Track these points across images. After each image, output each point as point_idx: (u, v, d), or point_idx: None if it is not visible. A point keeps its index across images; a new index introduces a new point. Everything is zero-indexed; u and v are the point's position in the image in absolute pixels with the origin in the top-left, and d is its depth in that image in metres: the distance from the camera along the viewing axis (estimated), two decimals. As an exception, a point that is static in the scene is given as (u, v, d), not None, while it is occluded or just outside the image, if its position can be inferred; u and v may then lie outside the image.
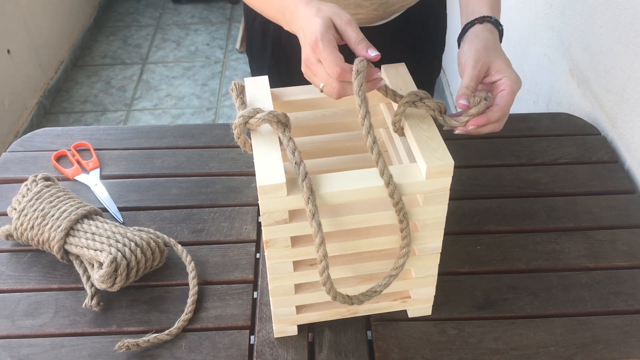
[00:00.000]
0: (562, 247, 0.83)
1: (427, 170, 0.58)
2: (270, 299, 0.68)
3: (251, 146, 0.63)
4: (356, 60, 0.60)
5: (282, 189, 0.57)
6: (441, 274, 0.79)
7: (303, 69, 0.65)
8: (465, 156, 0.97)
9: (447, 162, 0.58)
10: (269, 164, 0.59)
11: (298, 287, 0.68)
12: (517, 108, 1.50)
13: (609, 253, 0.82)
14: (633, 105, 0.94)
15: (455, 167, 0.57)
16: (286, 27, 0.72)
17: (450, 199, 0.91)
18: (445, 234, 0.84)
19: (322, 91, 0.64)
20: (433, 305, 0.75)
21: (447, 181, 0.60)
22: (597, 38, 1.05)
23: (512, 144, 1.00)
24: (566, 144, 1.00)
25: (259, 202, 0.58)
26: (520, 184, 0.93)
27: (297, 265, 0.66)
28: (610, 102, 1.01)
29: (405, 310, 0.74)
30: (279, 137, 0.61)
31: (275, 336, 0.72)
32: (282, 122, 0.61)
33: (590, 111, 1.09)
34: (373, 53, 0.62)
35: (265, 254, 0.63)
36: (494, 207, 0.89)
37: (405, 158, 0.66)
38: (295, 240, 0.63)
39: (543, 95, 1.32)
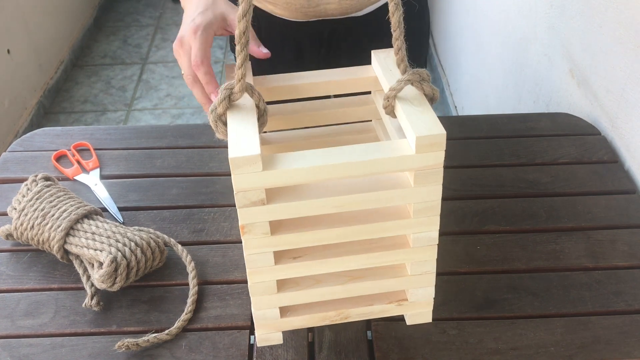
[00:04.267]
0: (562, 247, 0.83)
1: (416, 142, 0.53)
2: (251, 298, 0.63)
3: (226, 132, 0.59)
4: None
5: (256, 162, 0.52)
6: (441, 273, 0.79)
7: (175, 44, 0.69)
8: (465, 156, 0.97)
9: (438, 133, 0.53)
10: (242, 135, 0.55)
11: (280, 285, 0.63)
12: (517, 108, 1.50)
13: (609, 253, 0.82)
14: (633, 105, 0.94)
15: (455, 167, 0.56)
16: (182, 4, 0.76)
17: (450, 199, 0.91)
18: (445, 234, 0.84)
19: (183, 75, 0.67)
20: (433, 306, 0.71)
21: (440, 155, 0.55)
22: (597, 38, 1.05)
23: (512, 144, 1.00)
24: (566, 144, 1.00)
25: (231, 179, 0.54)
26: (520, 184, 0.93)
27: (278, 258, 0.61)
28: (610, 102, 1.01)
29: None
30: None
31: (258, 345, 0.68)
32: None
33: (590, 111, 1.09)
34: (264, 50, 0.67)
35: (242, 243, 0.59)
36: (494, 207, 0.89)
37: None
38: (275, 227, 0.58)
39: (543, 95, 1.32)
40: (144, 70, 2.72)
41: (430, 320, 0.69)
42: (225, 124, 0.59)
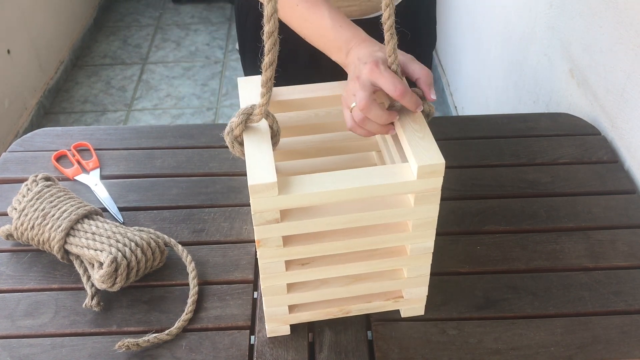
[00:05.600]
0: (562, 247, 0.83)
1: (418, 170, 0.58)
2: (263, 298, 0.68)
3: (242, 151, 0.64)
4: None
5: (273, 188, 0.57)
6: (441, 274, 0.79)
7: (349, 86, 0.66)
8: (465, 156, 0.97)
9: (438, 162, 0.58)
10: (260, 163, 0.59)
11: (290, 287, 0.68)
12: (517, 108, 1.50)
13: (609, 253, 0.82)
14: (633, 105, 0.94)
15: (455, 167, 0.57)
16: (335, 57, 0.74)
17: (450, 199, 0.91)
18: (445, 234, 0.84)
19: (351, 111, 0.66)
20: (433, 306, 0.75)
21: (438, 181, 0.60)
22: (597, 38, 1.05)
23: (512, 144, 1.00)
24: (566, 144, 1.00)
25: (250, 201, 0.58)
26: (520, 184, 0.93)
27: (289, 264, 0.66)
28: (610, 102, 1.01)
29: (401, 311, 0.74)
30: None
31: (267, 335, 0.72)
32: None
33: (590, 111, 1.09)
34: (434, 95, 0.66)
35: (257, 253, 0.64)
36: (494, 207, 0.89)
37: (397, 159, 0.66)
38: (287, 240, 0.64)
39: (543, 95, 1.32)
40: (144, 71, 2.72)
41: (423, 313, 0.74)
42: (241, 144, 0.64)
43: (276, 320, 0.71)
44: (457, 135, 1.01)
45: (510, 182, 0.93)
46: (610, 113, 1.02)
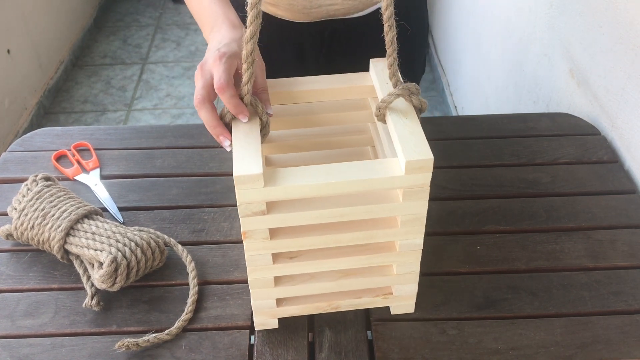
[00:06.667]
0: (562, 247, 0.83)
1: (406, 165, 0.58)
2: (250, 290, 0.68)
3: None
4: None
5: (258, 180, 0.57)
6: (441, 273, 0.79)
7: (197, 69, 0.67)
8: (465, 156, 0.97)
9: (426, 157, 0.58)
10: (246, 154, 0.59)
11: (278, 280, 0.68)
12: (517, 108, 1.50)
13: (609, 253, 0.82)
14: (633, 105, 0.94)
15: (455, 167, 0.57)
16: (204, 34, 0.75)
17: (451, 199, 0.91)
18: (445, 234, 0.84)
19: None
20: (433, 306, 0.75)
21: (427, 177, 0.60)
22: (597, 38, 1.05)
23: (512, 144, 1.00)
24: (566, 144, 1.00)
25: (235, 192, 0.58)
26: (520, 184, 0.93)
27: (276, 257, 0.66)
28: (610, 102, 1.01)
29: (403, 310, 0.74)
30: None
31: (256, 328, 0.72)
32: None
33: (590, 111, 1.09)
34: (269, 110, 0.66)
35: (244, 245, 0.63)
36: (494, 207, 0.89)
37: (390, 154, 0.66)
38: (274, 233, 0.63)
39: (543, 95, 1.32)
40: (144, 70, 2.72)
41: (413, 311, 0.74)
42: (230, 133, 0.64)
43: (264, 314, 0.71)
44: (457, 135, 1.01)
45: (510, 182, 0.93)
46: (610, 113, 1.02)
